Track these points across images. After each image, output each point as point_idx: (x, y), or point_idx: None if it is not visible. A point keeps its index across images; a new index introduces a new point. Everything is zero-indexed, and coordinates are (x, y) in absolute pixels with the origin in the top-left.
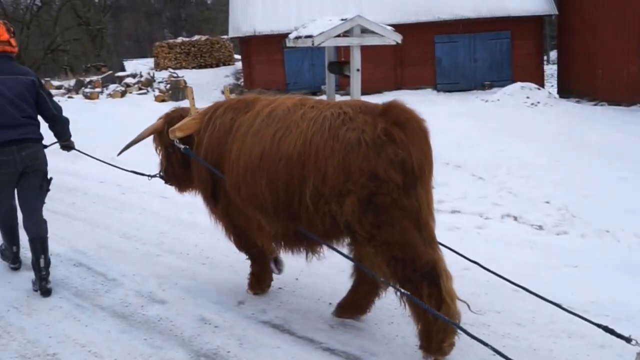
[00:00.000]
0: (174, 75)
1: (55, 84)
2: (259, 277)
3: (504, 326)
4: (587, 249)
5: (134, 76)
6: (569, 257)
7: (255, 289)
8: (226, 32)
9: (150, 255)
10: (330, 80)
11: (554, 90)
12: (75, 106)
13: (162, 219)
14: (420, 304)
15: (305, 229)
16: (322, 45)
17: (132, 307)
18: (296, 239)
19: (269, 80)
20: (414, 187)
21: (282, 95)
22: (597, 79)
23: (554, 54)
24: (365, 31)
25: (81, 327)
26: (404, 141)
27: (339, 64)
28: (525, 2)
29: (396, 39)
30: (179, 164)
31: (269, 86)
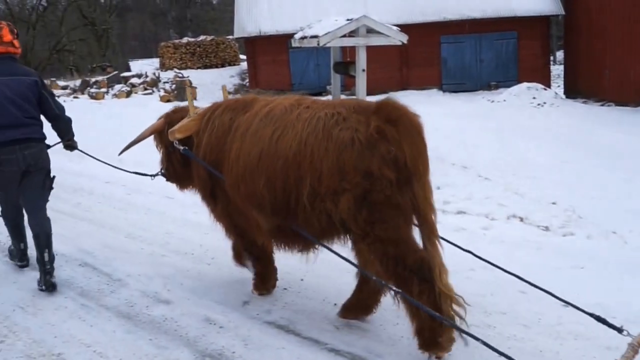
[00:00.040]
0: (180, 75)
1: (61, 84)
2: (263, 278)
3: (509, 327)
4: (593, 250)
5: (139, 76)
6: (576, 258)
7: (260, 290)
8: (231, 33)
9: (155, 255)
10: (335, 80)
11: (561, 90)
12: (80, 106)
13: (167, 219)
14: (411, 300)
15: (302, 227)
16: (328, 45)
17: (137, 308)
18: (293, 236)
19: (274, 80)
20: (409, 183)
21: (280, 95)
22: (604, 80)
23: (560, 54)
24: (371, 31)
25: (86, 327)
26: (397, 138)
27: (345, 64)
28: (531, 2)
29: (402, 39)
30: (179, 163)
31: (274, 86)
